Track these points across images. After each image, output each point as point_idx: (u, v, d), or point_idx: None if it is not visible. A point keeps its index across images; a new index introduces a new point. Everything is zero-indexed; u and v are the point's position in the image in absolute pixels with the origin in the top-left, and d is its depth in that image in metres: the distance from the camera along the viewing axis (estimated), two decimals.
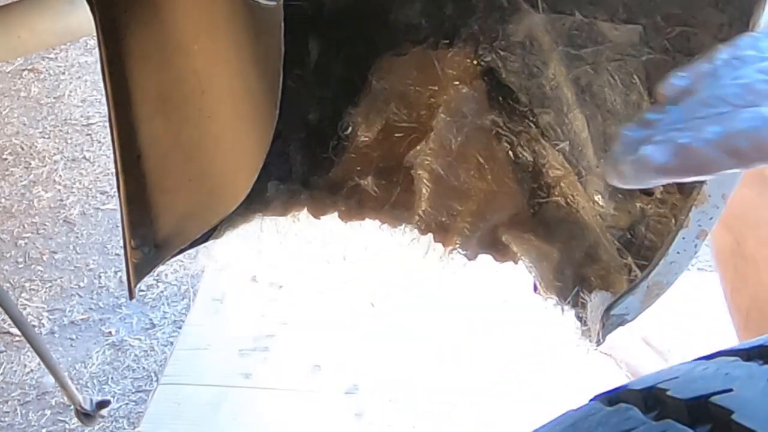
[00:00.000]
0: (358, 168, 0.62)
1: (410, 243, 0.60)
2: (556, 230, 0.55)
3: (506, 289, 1.48)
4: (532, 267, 0.55)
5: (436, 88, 0.60)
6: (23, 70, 3.02)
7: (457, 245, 0.58)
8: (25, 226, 2.37)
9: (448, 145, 0.59)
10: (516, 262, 0.58)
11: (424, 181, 0.59)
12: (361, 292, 1.66)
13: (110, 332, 2.04)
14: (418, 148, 0.60)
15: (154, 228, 0.65)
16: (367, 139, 0.62)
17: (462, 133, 0.58)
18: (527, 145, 0.57)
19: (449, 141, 0.58)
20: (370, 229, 0.62)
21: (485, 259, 0.60)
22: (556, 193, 0.56)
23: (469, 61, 0.58)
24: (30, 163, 2.62)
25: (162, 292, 2.06)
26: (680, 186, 0.47)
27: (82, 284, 2.18)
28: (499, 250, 0.58)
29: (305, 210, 0.62)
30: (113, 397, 1.76)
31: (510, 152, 0.58)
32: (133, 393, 1.82)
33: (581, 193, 0.54)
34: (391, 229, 0.61)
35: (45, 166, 2.60)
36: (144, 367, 1.92)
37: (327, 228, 0.63)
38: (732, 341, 0.35)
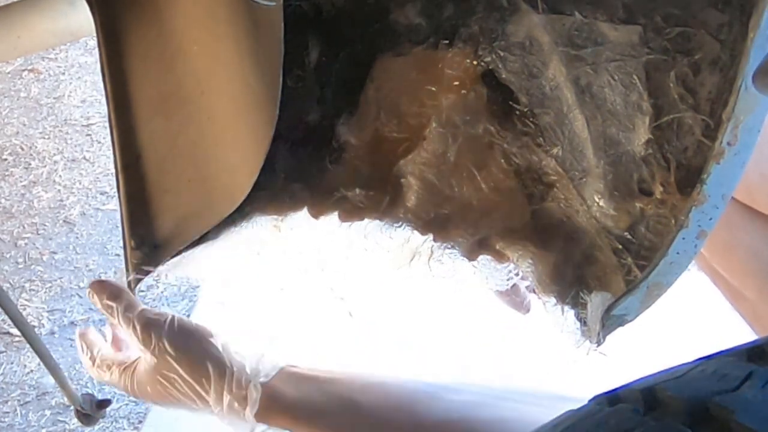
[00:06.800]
0: (349, 177, 0.61)
1: (400, 246, 0.60)
2: (552, 235, 0.55)
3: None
4: (528, 272, 0.55)
5: (435, 89, 0.60)
6: (23, 70, 3.03)
7: (449, 247, 0.58)
8: (25, 226, 2.37)
9: (442, 155, 0.58)
10: (516, 264, 0.58)
11: (415, 188, 0.59)
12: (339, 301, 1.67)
13: None
14: (409, 156, 0.60)
15: (153, 228, 0.65)
16: (359, 147, 0.62)
17: (456, 143, 0.58)
18: (520, 153, 0.57)
19: (442, 151, 0.58)
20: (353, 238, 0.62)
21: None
22: (550, 199, 0.56)
23: (468, 61, 0.58)
24: (30, 164, 2.62)
25: (162, 292, 2.06)
26: (680, 186, 0.47)
27: (82, 284, 2.18)
28: (497, 252, 0.58)
29: (305, 210, 0.62)
30: (113, 397, 1.76)
31: (503, 160, 0.58)
32: None
33: (575, 197, 0.54)
34: (390, 228, 0.60)
35: (45, 166, 2.60)
36: None
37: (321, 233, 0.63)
38: (732, 341, 0.34)
